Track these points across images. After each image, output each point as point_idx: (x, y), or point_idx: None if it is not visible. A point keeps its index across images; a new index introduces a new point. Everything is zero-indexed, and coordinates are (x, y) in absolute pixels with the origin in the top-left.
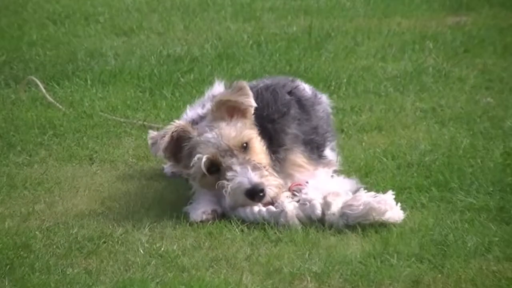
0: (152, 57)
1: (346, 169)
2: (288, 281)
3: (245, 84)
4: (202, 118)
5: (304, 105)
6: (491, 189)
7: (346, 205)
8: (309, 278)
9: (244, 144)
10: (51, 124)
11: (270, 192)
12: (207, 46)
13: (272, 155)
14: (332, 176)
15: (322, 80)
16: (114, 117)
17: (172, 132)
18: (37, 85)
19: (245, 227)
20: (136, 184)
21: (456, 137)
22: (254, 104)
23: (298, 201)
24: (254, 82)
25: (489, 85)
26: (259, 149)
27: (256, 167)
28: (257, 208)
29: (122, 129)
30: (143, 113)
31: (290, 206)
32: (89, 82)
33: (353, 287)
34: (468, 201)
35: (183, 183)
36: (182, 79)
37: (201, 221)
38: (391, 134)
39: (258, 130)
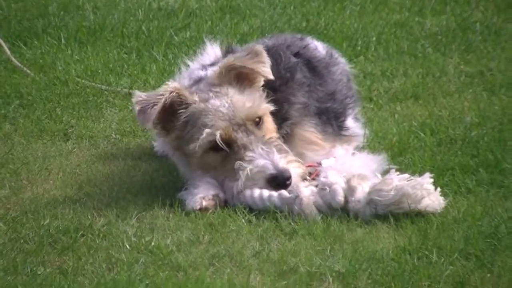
0: (140, 11)
1: (376, 146)
2: (305, 283)
3: (262, 49)
4: (199, 80)
5: (315, 67)
6: None
7: (374, 191)
8: (330, 279)
9: (258, 119)
10: (17, 93)
11: (296, 179)
12: None
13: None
14: (353, 153)
15: (346, 39)
16: (93, 84)
17: (166, 99)
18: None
19: (253, 216)
20: (121, 165)
21: (509, 108)
22: (271, 76)
23: (316, 186)
24: (251, 44)
25: None
26: (272, 127)
27: (281, 149)
28: (267, 193)
29: (103, 98)
30: (129, 78)
31: (306, 191)
32: (63, 41)
33: None
34: None
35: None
36: (176, 37)
37: (200, 209)
38: (430, 104)
39: None
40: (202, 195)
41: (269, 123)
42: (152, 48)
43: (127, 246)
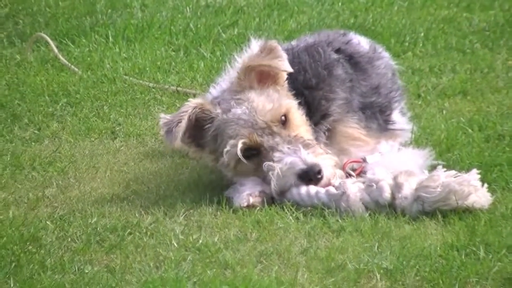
0: (187, 8)
1: (424, 143)
2: (353, 280)
3: (276, 44)
4: (224, 91)
5: (358, 62)
6: None
7: (421, 187)
8: (378, 276)
9: (283, 117)
10: (65, 91)
11: (327, 173)
12: None
13: (314, 128)
14: (399, 149)
15: (394, 35)
16: (141, 82)
17: (190, 115)
18: (47, 43)
19: (301, 214)
20: (168, 162)
21: None
22: (289, 69)
23: (363, 182)
24: (294, 42)
25: None
26: (300, 121)
27: (307, 144)
28: (315, 189)
29: (151, 96)
30: (177, 76)
31: (353, 188)
32: (110, 39)
33: (432, 285)
34: None
35: None
36: (223, 35)
37: (248, 206)
38: (478, 100)
39: (295, 99)
40: (249, 192)
41: (295, 119)
42: (199, 45)
43: (175, 244)
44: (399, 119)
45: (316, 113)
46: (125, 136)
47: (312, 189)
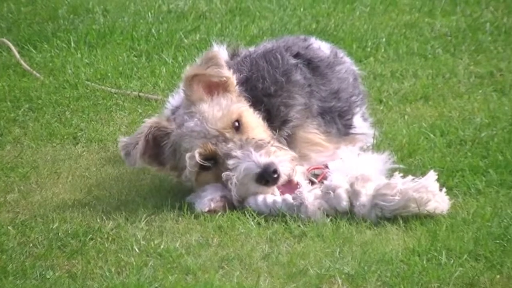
0: (149, 14)
1: (386, 147)
2: (314, 285)
3: (215, 53)
4: (178, 107)
5: (317, 67)
6: None
7: (379, 195)
8: (340, 281)
9: (236, 123)
10: (27, 96)
11: (284, 169)
12: None
13: (275, 135)
14: (359, 154)
15: (356, 40)
16: (103, 87)
17: (146, 135)
18: (9, 48)
19: (263, 219)
20: (130, 168)
21: None
22: (228, 75)
23: (320, 189)
24: (252, 48)
25: None
26: (254, 123)
27: (258, 145)
28: (272, 198)
29: (113, 101)
30: (139, 81)
31: (310, 197)
32: (72, 44)
33: None
34: None
35: None
36: (185, 40)
37: (209, 211)
38: (440, 105)
39: (253, 106)
40: (210, 197)
41: (249, 121)
42: (161, 51)
43: (136, 249)
44: (360, 123)
45: (276, 120)
46: (87, 142)
47: (269, 198)
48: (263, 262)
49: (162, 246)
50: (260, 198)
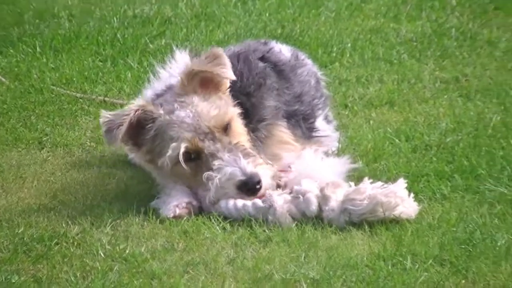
0: (115, 18)
1: (351, 153)
2: None
3: (222, 51)
4: (164, 92)
5: (282, 71)
6: None
7: (348, 200)
8: (305, 286)
9: (225, 125)
10: None
11: (266, 183)
12: (181, 4)
13: (251, 134)
14: (322, 157)
15: (322, 45)
16: (68, 92)
17: (131, 118)
18: None
19: (228, 224)
20: (95, 173)
21: (484, 113)
22: (233, 77)
23: (290, 194)
24: (210, 49)
25: None
26: (241, 130)
27: (248, 154)
28: (241, 202)
29: (78, 106)
30: (104, 86)
31: (280, 200)
32: (38, 49)
33: None
34: (498, 191)
35: None
36: (151, 45)
37: (174, 217)
38: (405, 110)
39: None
40: (175, 203)
41: (238, 127)
42: (127, 55)
43: (102, 254)
44: (324, 126)
45: (254, 119)
46: (52, 146)
47: (239, 202)
48: (228, 266)
49: (127, 251)
50: (231, 202)
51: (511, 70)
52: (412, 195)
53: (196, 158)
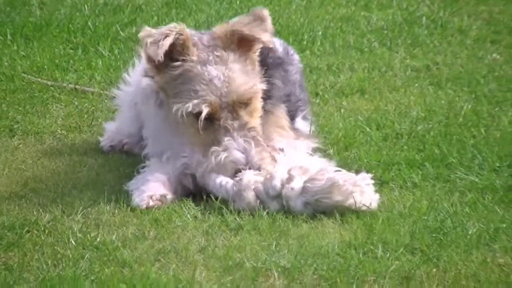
0: (86, 6)
1: (322, 141)
2: (251, 278)
3: (267, 15)
4: (202, 34)
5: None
6: (498, 164)
7: (309, 179)
8: (276, 274)
9: (248, 101)
10: None
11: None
12: None
13: None
14: (311, 153)
15: (293, 33)
16: (39, 80)
17: (175, 36)
18: None
19: (199, 212)
20: (66, 160)
21: (455, 102)
22: (272, 44)
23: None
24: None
25: (495, 38)
26: (258, 109)
27: (258, 143)
28: (226, 180)
29: (49, 94)
30: (75, 74)
31: (250, 175)
32: (8, 37)
33: (330, 284)
34: (469, 180)
35: (124, 160)
36: (122, 33)
37: (146, 208)
38: (376, 99)
39: None
40: (150, 193)
41: (256, 105)
42: (98, 43)
43: (73, 242)
44: (302, 124)
45: (266, 93)
46: (23, 134)
47: (224, 179)
48: (200, 255)
49: (98, 239)
50: (218, 179)
51: (482, 58)
52: (373, 189)
53: (209, 121)
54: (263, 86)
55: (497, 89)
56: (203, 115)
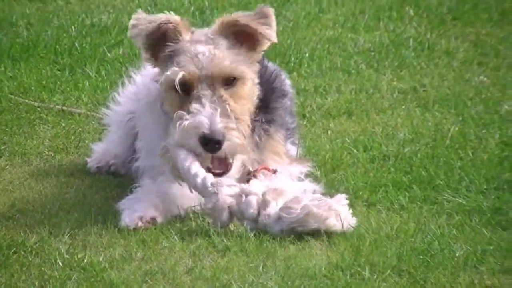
0: (73, 27)
1: (311, 164)
2: None
3: (272, 12)
4: (207, 30)
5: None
6: (485, 186)
7: (284, 207)
8: None
9: (232, 79)
10: None
11: (228, 148)
12: None
13: (259, 123)
14: (302, 178)
15: (280, 55)
16: (26, 101)
17: (161, 23)
18: None
19: (186, 234)
20: (54, 182)
21: (442, 124)
22: (275, 39)
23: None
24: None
25: (483, 60)
26: (245, 93)
27: (226, 113)
28: (197, 169)
29: (36, 115)
30: (62, 95)
31: (227, 191)
32: None
33: None
34: (456, 202)
35: (111, 181)
36: (109, 54)
37: (134, 229)
38: (363, 120)
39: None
40: (140, 214)
41: (244, 90)
42: (85, 64)
43: (60, 263)
44: (291, 148)
45: (269, 110)
46: (10, 155)
47: (195, 167)
48: (187, 276)
49: (85, 260)
50: (187, 163)
51: (469, 80)
52: (349, 211)
53: (187, 93)
54: (253, 76)
55: (484, 111)
56: (177, 79)
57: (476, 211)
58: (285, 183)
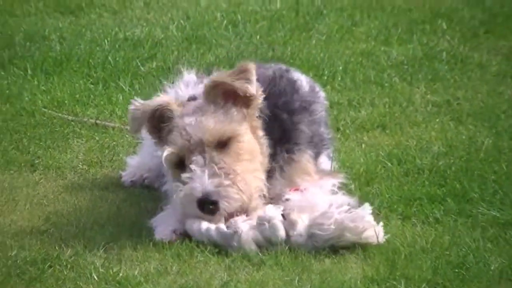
0: (106, 41)
1: (344, 176)
2: None
3: (251, 66)
4: (194, 97)
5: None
6: None
7: (315, 224)
8: None
9: (224, 141)
10: None
11: (225, 206)
12: (172, 27)
13: (280, 153)
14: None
15: (313, 68)
16: (60, 115)
17: (155, 109)
18: None
19: (221, 247)
20: (88, 195)
21: (475, 137)
22: (253, 92)
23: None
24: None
25: None
26: (242, 151)
27: (215, 173)
28: (205, 225)
29: (70, 129)
30: (95, 109)
31: (244, 226)
32: (29, 71)
33: None
34: (491, 215)
35: (145, 194)
36: (142, 68)
37: (169, 243)
38: (397, 134)
39: (268, 122)
40: (174, 227)
41: (240, 148)
42: (118, 78)
43: (95, 277)
44: (326, 162)
45: (289, 140)
46: (45, 169)
47: (203, 225)
48: None
49: (120, 274)
50: (195, 224)
51: (502, 93)
52: (380, 222)
53: (182, 167)
54: (247, 131)
55: None
56: (165, 154)
57: (510, 224)
58: (313, 198)
